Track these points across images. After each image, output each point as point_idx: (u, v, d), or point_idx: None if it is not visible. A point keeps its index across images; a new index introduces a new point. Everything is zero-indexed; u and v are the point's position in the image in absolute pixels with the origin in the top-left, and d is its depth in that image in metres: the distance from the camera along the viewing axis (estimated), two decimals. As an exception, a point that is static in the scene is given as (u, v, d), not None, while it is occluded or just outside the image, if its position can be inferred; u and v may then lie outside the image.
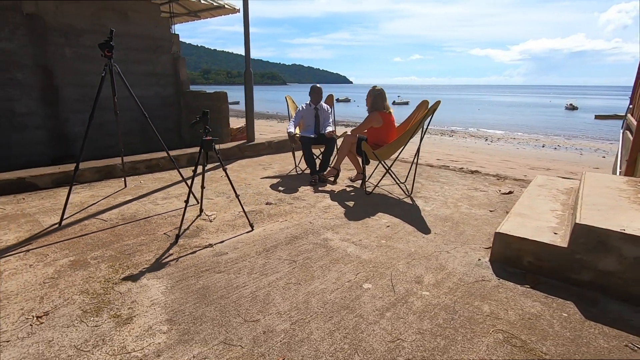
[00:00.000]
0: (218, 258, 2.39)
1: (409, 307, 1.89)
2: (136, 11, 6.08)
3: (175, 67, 6.76)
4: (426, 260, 2.40)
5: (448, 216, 3.22)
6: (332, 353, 1.56)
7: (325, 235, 2.77)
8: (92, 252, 2.44)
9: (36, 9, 5.07)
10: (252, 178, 4.39)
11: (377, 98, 3.73)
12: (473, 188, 4.13)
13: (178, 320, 1.76)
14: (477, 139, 19.17)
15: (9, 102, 5.02)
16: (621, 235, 1.92)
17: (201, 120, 2.70)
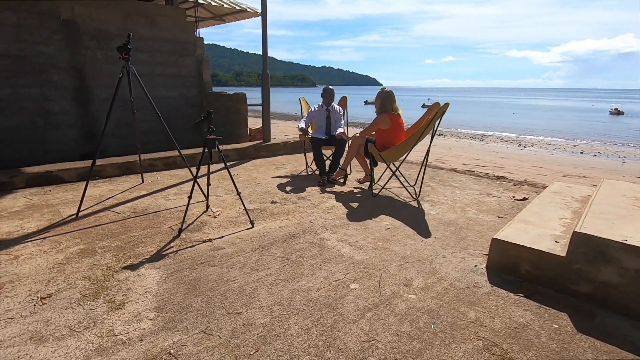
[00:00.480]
0: (215, 252, 2.47)
1: (391, 309, 1.88)
2: (163, 16, 6.38)
3: (199, 69, 7.02)
4: (419, 264, 2.37)
5: (452, 221, 3.15)
6: (304, 348, 1.58)
7: (323, 235, 2.80)
8: (100, 242, 2.60)
9: (72, 15, 5.45)
10: (263, 177, 4.48)
11: (385, 100, 3.71)
12: (486, 193, 4.00)
13: (166, 308, 1.85)
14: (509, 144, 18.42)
15: (45, 102, 5.42)
16: (622, 245, 1.82)
17: (205, 119, 2.81)
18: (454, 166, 7.20)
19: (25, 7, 5.04)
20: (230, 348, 1.58)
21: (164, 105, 6.74)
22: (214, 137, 2.83)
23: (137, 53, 6.22)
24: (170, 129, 7.12)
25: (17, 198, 3.49)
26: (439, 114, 3.40)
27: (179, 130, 7.08)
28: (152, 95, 6.65)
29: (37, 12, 5.14)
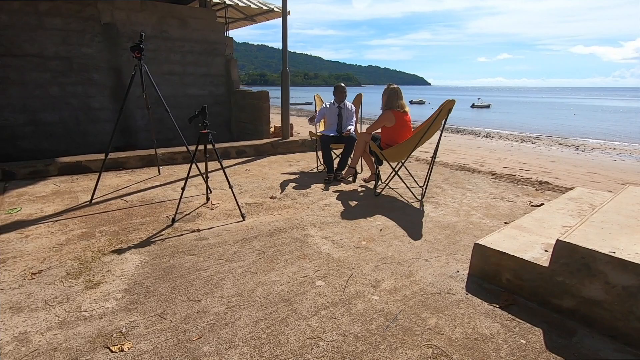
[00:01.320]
0: (198, 242, 2.57)
1: (348, 309, 1.83)
2: (195, 17, 6.71)
3: (228, 68, 7.29)
4: (397, 266, 2.28)
5: (451, 224, 2.99)
6: (246, 339, 1.60)
7: (309, 231, 2.79)
8: (101, 227, 2.81)
9: (112, 19, 5.92)
10: (273, 173, 4.56)
11: (391, 96, 3.60)
12: (500, 197, 3.74)
13: (134, 291, 1.96)
14: (564, 148, 16.96)
15: (87, 98, 5.94)
16: (609, 258, 1.61)
17: (200, 114, 2.92)
18: (494, 169, 6.82)
19: (72, 13, 5.56)
20: (176, 332, 1.64)
21: (194, 102, 7.09)
22: (207, 131, 2.93)
23: (170, 54, 6.61)
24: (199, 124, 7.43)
25: (47, 184, 3.88)
26: (444, 112, 3.24)
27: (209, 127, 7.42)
28: (183, 93, 7.05)
29: (82, 17, 5.65)
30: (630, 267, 1.56)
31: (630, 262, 1.56)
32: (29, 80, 5.43)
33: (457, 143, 14.70)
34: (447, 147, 13.40)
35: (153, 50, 6.39)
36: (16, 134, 5.47)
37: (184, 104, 6.96)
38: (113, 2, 5.86)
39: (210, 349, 1.54)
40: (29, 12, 5.24)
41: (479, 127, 23.70)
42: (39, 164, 4.15)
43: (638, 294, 1.55)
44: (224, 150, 5.36)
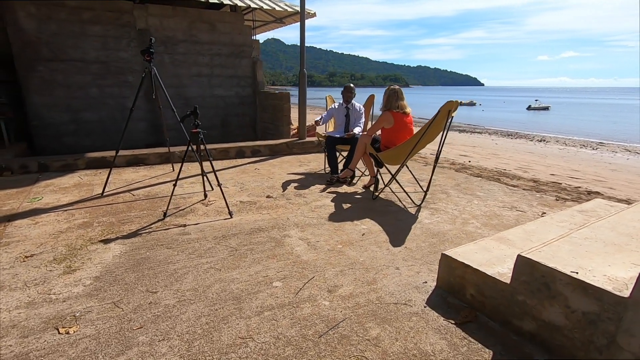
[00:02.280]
0: (179, 236, 2.67)
1: (293, 312, 1.80)
2: (223, 22, 6.98)
3: (254, 70, 7.49)
4: (363, 272, 2.21)
5: (441, 232, 2.83)
6: (181, 334, 1.64)
7: (289, 232, 2.79)
8: (101, 218, 3.03)
9: (146, 25, 6.35)
10: (279, 173, 4.61)
11: (390, 97, 3.48)
12: (510, 206, 3.46)
13: (103, 278, 2.09)
14: (632, 155, 15.25)
15: (122, 99, 6.43)
16: (569, 279, 1.44)
17: (192, 114, 3.04)
18: (538, 176, 6.34)
19: (111, 21, 6.06)
20: (122, 321, 1.72)
21: (221, 103, 7.39)
22: (198, 130, 3.04)
23: (199, 56, 6.94)
24: (226, 125, 7.77)
25: (73, 177, 4.26)
26: (444, 113, 3.08)
27: (234, 126, 7.70)
28: (210, 94, 7.36)
29: (119, 24, 6.13)
30: (591, 290, 1.37)
31: (591, 285, 1.37)
32: (72, 82, 6.00)
33: (504, 147, 13.80)
34: (492, 151, 12.63)
35: (183, 53, 6.76)
36: (61, 131, 6.07)
37: (211, 104, 7.28)
38: (147, 9, 6.29)
39: (145, 339, 1.60)
40: (74, 21, 5.79)
41: (533, 130, 21.98)
42: (69, 158, 4.58)
43: (598, 322, 1.36)
44: (239, 150, 5.52)
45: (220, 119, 7.47)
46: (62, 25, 5.73)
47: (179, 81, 6.86)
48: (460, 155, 10.39)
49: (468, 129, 20.88)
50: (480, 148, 13.25)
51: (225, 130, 7.56)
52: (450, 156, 9.60)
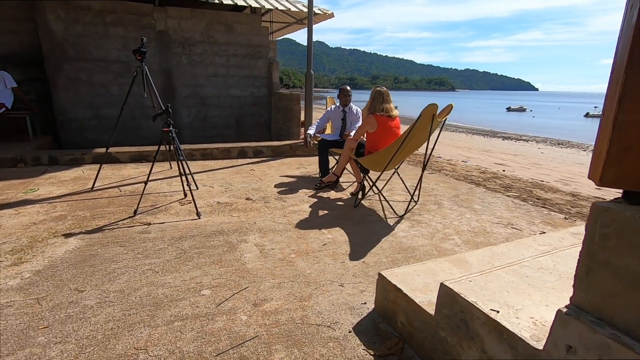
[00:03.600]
0: (138, 235, 2.66)
1: (204, 325, 1.69)
2: (240, 23, 7.06)
3: (270, 71, 7.51)
4: (302, 286, 2.04)
5: (412, 248, 2.58)
6: (80, 338, 1.59)
7: (249, 237, 2.68)
8: (78, 212, 3.11)
9: (165, 27, 6.58)
10: (273, 175, 4.53)
11: (374, 99, 3.25)
12: (506, 223, 3.11)
13: (43, 273, 2.11)
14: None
15: (141, 97, 6.68)
16: (486, 319, 1.19)
17: (164, 112, 3.03)
18: (579, 190, 5.74)
19: (132, 23, 6.34)
20: (34, 318, 1.71)
21: (236, 103, 7.48)
22: (169, 129, 3.03)
23: (216, 57, 7.07)
24: (241, 125, 7.84)
25: (76, 171, 4.47)
26: (426, 118, 2.82)
27: (248, 126, 7.76)
28: (226, 93, 7.46)
29: (140, 26, 6.40)
30: (506, 335, 1.12)
31: (506, 328, 1.12)
32: (95, 81, 6.35)
33: (550, 157, 12.74)
34: (534, 160, 11.70)
35: (200, 54, 6.92)
36: (84, 126, 6.45)
37: (226, 103, 7.39)
38: (166, 12, 6.51)
39: (44, 340, 1.57)
40: (97, 23, 6.12)
41: (587, 140, 20.05)
42: (77, 152, 4.82)
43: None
44: (241, 150, 5.52)
45: (235, 118, 7.56)
46: (86, 27, 6.08)
47: (195, 81, 7.03)
48: (496, 164, 9.71)
49: (514, 136, 19.62)
50: (521, 157, 12.34)
51: (239, 129, 7.64)
52: (484, 164, 9.01)
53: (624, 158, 0.85)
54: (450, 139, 16.21)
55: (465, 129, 22.40)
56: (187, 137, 7.19)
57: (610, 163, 0.87)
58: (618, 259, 0.86)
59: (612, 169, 0.87)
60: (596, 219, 0.90)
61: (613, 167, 0.87)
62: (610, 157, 0.87)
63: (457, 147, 13.79)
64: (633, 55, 0.81)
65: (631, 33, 0.82)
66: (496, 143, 16.31)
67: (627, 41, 0.84)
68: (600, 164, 0.90)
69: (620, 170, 0.86)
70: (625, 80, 0.83)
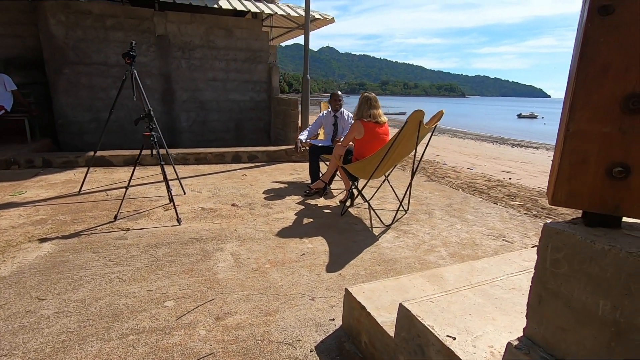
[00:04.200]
0: (114, 241, 2.61)
1: (158, 340, 1.61)
2: (240, 27, 7.06)
3: (269, 75, 7.48)
4: (272, 299, 1.95)
5: (394, 260, 2.47)
6: (28, 350, 1.52)
7: (226, 245, 2.60)
8: (59, 216, 3.08)
9: (165, 31, 6.61)
10: (264, 181, 4.46)
11: (361, 105, 3.17)
12: (498, 235, 2.98)
13: (7, 279, 2.07)
14: None
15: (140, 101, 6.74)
16: (440, 346, 1.09)
17: (146, 117, 2.99)
18: None
19: (132, 27, 6.38)
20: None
21: (235, 107, 7.46)
22: (150, 134, 2.98)
23: (215, 61, 7.07)
24: (240, 129, 7.81)
25: (68, 174, 4.47)
26: (412, 124, 2.73)
27: (248, 130, 7.73)
28: (225, 98, 7.45)
29: (140, 30, 6.44)
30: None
31: (458, 357, 1.02)
32: (94, 84, 6.40)
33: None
34: (543, 168, 11.35)
35: (199, 58, 6.93)
36: (83, 129, 6.49)
37: (225, 108, 7.38)
38: (166, 16, 6.55)
39: (-10, 352, 1.51)
40: (98, 28, 6.18)
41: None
42: (70, 155, 4.83)
43: (465, 412, 1.00)
44: (235, 155, 5.47)
45: (235, 123, 7.54)
46: (87, 32, 6.13)
47: (194, 85, 7.04)
48: (503, 172, 9.52)
49: (523, 144, 19.31)
50: (530, 164, 12.08)
51: (239, 134, 7.62)
52: (490, 172, 8.83)
53: (577, 173, 0.76)
54: (458, 145, 15.98)
55: (474, 136, 22.12)
56: (186, 141, 7.19)
57: (563, 179, 0.77)
58: (569, 288, 0.76)
59: (564, 185, 0.77)
60: (547, 242, 0.80)
61: (565, 184, 0.77)
62: (562, 171, 0.77)
63: (464, 153, 13.57)
64: (582, 60, 0.72)
65: (581, 35, 0.72)
66: (505, 150, 16.03)
67: (577, 44, 0.74)
68: (553, 179, 0.80)
69: (573, 187, 0.76)
70: (575, 87, 0.73)
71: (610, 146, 0.71)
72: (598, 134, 0.72)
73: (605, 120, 0.71)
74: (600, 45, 0.70)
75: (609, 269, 0.69)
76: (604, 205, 0.74)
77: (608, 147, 0.72)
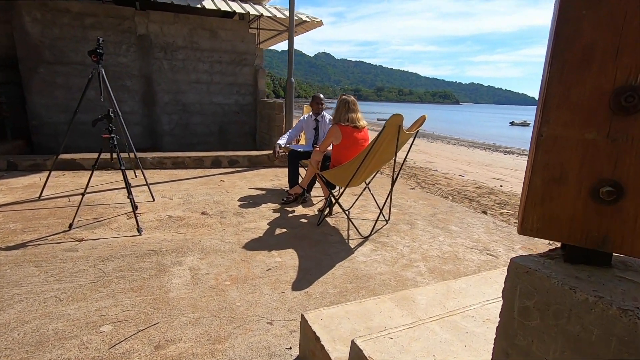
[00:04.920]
0: (62, 253, 2.38)
1: (82, 374, 1.39)
2: (225, 29, 6.88)
3: (256, 78, 7.30)
4: (224, 323, 1.74)
5: (367, 276, 2.27)
6: None
7: (185, 259, 2.38)
8: (10, 224, 2.84)
9: (146, 31, 6.41)
10: (242, 187, 4.25)
11: (339, 108, 2.99)
12: (482, 248, 2.79)
13: None
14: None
15: (119, 102, 6.44)
16: (393, 399, 0.88)
17: (105, 118, 2.78)
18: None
19: (112, 27, 6.17)
20: None
21: (220, 111, 7.25)
22: (108, 136, 2.77)
23: (199, 63, 6.87)
24: (224, 133, 7.59)
25: (33, 178, 4.21)
26: (391, 129, 2.54)
27: (232, 134, 7.52)
28: (209, 101, 7.23)
29: (120, 29, 6.22)
30: None
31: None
32: (72, 84, 6.16)
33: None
34: None
35: (182, 59, 6.72)
36: (58, 131, 6.23)
37: (209, 111, 7.16)
38: (148, 16, 6.34)
39: None
40: (76, 26, 5.95)
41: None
42: (38, 158, 4.58)
43: None
44: (215, 159, 5.26)
45: (219, 126, 7.32)
46: (64, 30, 5.91)
47: (177, 87, 6.82)
48: (494, 179, 9.41)
49: (516, 151, 19.33)
50: (522, 172, 11.99)
51: (223, 138, 7.40)
52: (482, 179, 8.72)
53: (552, 194, 0.56)
54: (450, 152, 15.91)
55: (467, 143, 22.13)
56: (168, 145, 6.95)
57: (534, 201, 0.58)
58: (543, 349, 0.57)
59: (536, 209, 0.58)
60: (515, 283, 0.61)
61: (537, 207, 0.58)
62: (534, 191, 0.58)
63: (456, 160, 13.49)
64: (558, 42, 0.53)
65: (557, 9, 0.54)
66: (497, 157, 15.99)
67: (553, 22, 0.56)
68: (522, 201, 0.61)
69: (547, 211, 0.57)
70: (548, 80, 0.54)
71: (596, 158, 0.53)
72: (579, 142, 0.53)
73: (589, 124, 0.53)
74: (581, 20, 0.51)
75: (595, 330, 0.50)
76: (588, 237, 0.55)
77: (593, 160, 0.53)
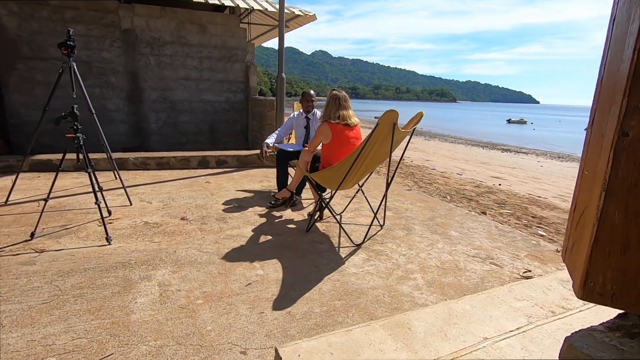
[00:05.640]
0: (17, 267, 2.12)
1: None
2: (214, 24, 6.61)
3: (247, 75, 7.03)
4: (190, 354, 1.49)
5: (359, 291, 2.03)
6: None
7: (156, 272, 2.14)
8: (-33, 232, 2.58)
9: (131, 25, 6.13)
10: (227, 189, 4.00)
11: (329, 105, 2.74)
12: (485, 256, 2.56)
13: None
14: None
15: (103, 100, 6.22)
16: None
17: (69, 115, 2.53)
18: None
19: (94, 20, 5.89)
20: None
21: (210, 109, 6.99)
22: (73, 135, 2.51)
23: (188, 59, 6.60)
24: (215, 132, 7.33)
25: (5, 180, 3.95)
26: (385, 126, 2.31)
27: (223, 133, 7.26)
28: (198, 98, 6.97)
29: (103, 24, 5.94)
30: None
31: None
32: (52, 81, 5.83)
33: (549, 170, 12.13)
34: (533, 174, 11.12)
35: (170, 55, 6.45)
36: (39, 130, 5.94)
37: (198, 109, 6.90)
38: (133, 9, 6.06)
39: None
40: (56, 20, 5.67)
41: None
42: (11, 159, 4.31)
43: None
44: (202, 159, 5.00)
45: (209, 125, 7.06)
46: (43, 24, 5.62)
47: (164, 84, 6.55)
48: (493, 177, 9.22)
49: (513, 149, 19.17)
50: (520, 170, 11.83)
51: (213, 136, 7.14)
52: (480, 177, 8.54)
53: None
54: (448, 150, 15.71)
55: (465, 140, 21.95)
56: (155, 144, 6.69)
57: (608, 248, 0.34)
58: None
59: (610, 260, 0.34)
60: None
61: (613, 258, 0.34)
62: (609, 230, 0.34)
63: (454, 158, 13.30)
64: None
65: None
66: (495, 155, 15.82)
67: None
68: (583, 252, 0.37)
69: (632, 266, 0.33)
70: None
71: None
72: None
73: None
74: None
75: None
76: None
77: None
